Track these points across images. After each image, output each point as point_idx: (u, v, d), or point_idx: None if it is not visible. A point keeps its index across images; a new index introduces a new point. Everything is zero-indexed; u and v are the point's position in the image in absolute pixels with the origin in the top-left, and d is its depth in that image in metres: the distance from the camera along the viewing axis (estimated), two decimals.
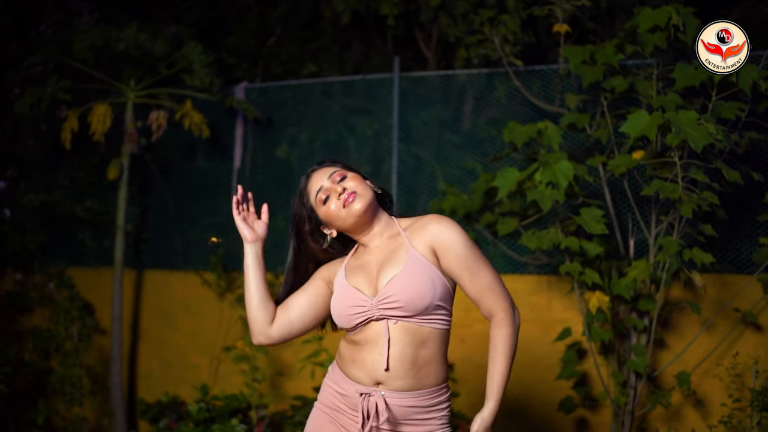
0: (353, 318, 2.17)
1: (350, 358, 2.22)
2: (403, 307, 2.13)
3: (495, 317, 2.18)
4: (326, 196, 2.22)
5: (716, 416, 4.26)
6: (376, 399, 2.14)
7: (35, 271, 5.57)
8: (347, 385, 2.21)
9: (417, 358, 2.15)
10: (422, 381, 2.17)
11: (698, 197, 3.59)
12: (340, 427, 2.25)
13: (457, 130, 5.07)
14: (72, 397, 5.04)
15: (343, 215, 2.19)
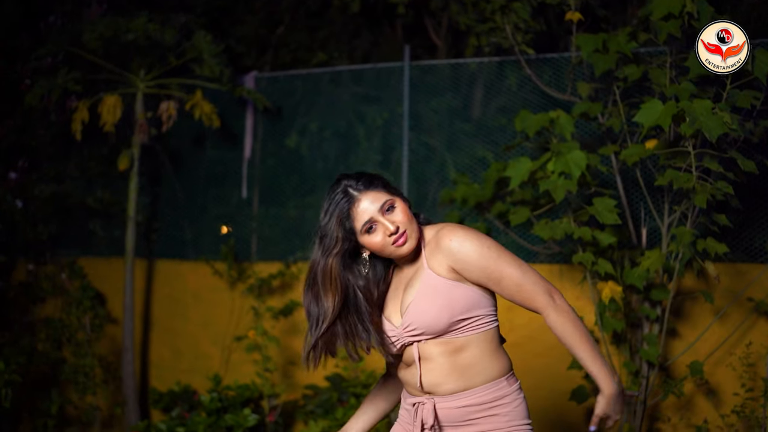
0: (392, 347, 2.17)
1: (401, 377, 2.28)
2: (424, 332, 2.11)
3: (541, 313, 2.14)
4: (372, 226, 2.10)
5: (729, 406, 4.25)
6: (428, 406, 2.16)
7: (47, 261, 5.59)
8: (406, 399, 2.28)
9: (456, 364, 2.12)
10: (472, 380, 2.13)
11: (712, 187, 3.56)
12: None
13: (467, 119, 5.05)
14: (85, 386, 5.07)
15: (389, 252, 2.11)
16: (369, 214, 2.08)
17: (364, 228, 2.08)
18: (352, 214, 2.08)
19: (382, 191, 2.11)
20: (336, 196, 2.10)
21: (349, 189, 2.09)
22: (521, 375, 4.83)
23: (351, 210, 2.08)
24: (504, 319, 4.78)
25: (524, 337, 4.77)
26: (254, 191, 5.48)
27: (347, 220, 2.08)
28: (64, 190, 5.50)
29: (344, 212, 2.08)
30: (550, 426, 4.67)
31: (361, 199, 2.08)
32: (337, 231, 2.08)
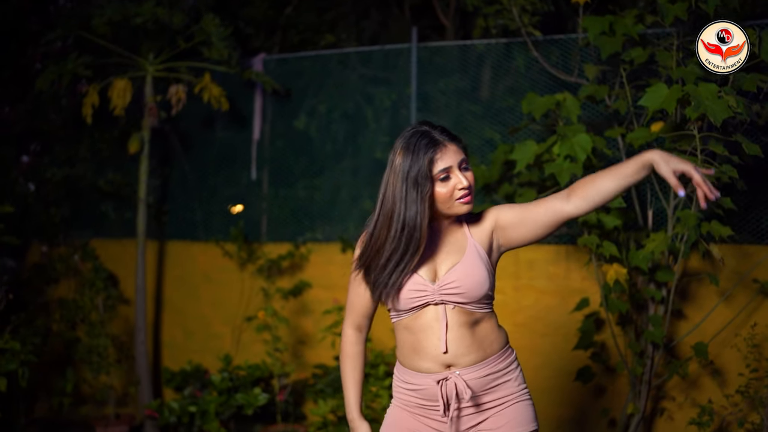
0: (412, 301, 2.18)
1: (411, 348, 2.23)
2: (464, 293, 2.17)
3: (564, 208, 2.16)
4: (447, 176, 2.15)
5: (733, 386, 4.29)
6: (455, 380, 2.17)
7: (60, 243, 5.66)
8: (419, 379, 2.22)
9: (474, 334, 2.20)
10: (487, 350, 2.22)
11: (717, 170, 3.58)
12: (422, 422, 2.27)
13: (475, 100, 5.06)
14: (99, 366, 5.15)
15: (449, 206, 2.17)
16: (449, 162, 2.14)
17: (440, 174, 2.13)
18: (435, 158, 2.12)
19: (462, 150, 2.19)
20: (421, 140, 2.14)
21: (434, 135, 2.16)
22: (528, 354, 4.91)
23: (435, 154, 2.12)
24: (511, 300, 4.86)
25: (531, 317, 4.82)
26: (264, 172, 5.52)
27: (431, 163, 2.12)
28: (75, 173, 5.57)
29: (430, 155, 2.12)
30: (556, 405, 4.72)
31: (446, 146, 2.15)
32: (428, 172, 2.12)
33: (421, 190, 2.12)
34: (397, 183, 2.15)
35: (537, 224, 2.22)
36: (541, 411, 4.70)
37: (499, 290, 4.81)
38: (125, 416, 5.16)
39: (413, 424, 2.26)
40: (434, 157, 2.12)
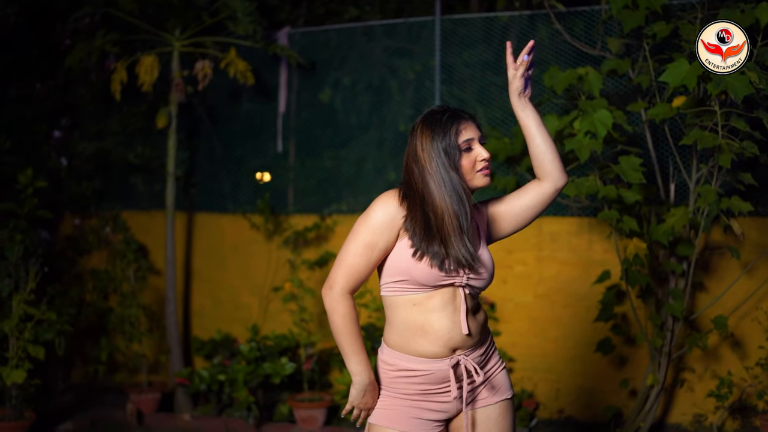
0: (442, 279, 2.19)
1: (418, 329, 2.21)
2: (485, 279, 2.25)
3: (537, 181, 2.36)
4: (469, 147, 2.22)
5: (753, 358, 4.32)
6: (465, 363, 2.22)
7: (91, 215, 5.80)
8: (426, 365, 2.22)
9: (476, 318, 2.27)
10: (482, 334, 2.29)
11: (738, 146, 3.58)
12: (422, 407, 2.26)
13: (499, 72, 5.06)
14: (131, 335, 5.30)
15: (471, 177, 2.23)
16: (471, 134, 2.22)
17: (464, 144, 2.20)
18: (460, 129, 2.21)
19: (478, 128, 2.28)
20: (445, 116, 2.22)
21: (455, 111, 2.25)
22: (550, 325, 4.99)
23: (459, 127, 2.21)
24: (533, 271, 4.92)
25: (552, 288, 4.87)
26: (290, 143, 5.58)
27: (453, 133, 2.19)
28: (105, 146, 5.68)
29: (456, 127, 2.20)
30: (577, 375, 4.79)
31: (468, 120, 2.24)
32: (455, 142, 2.19)
33: (453, 160, 2.19)
34: (426, 157, 2.20)
35: (525, 209, 2.35)
36: (562, 381, 4.80)
37: (522, 261, 4.91)
38: (157, 383, 5.33)
39: (415, 411, 2.25)
40: (459, 128, 2.20)
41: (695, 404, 4.54)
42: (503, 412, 2.32)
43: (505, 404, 2.33)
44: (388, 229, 2.19)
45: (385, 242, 2.20)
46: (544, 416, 4.85)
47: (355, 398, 2.24)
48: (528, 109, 2.31)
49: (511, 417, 2.35)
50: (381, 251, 2.21)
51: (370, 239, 2.19)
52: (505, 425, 2.32)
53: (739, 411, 4.41)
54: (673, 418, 4.60)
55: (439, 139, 2.18)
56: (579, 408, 4.79)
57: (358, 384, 2.23)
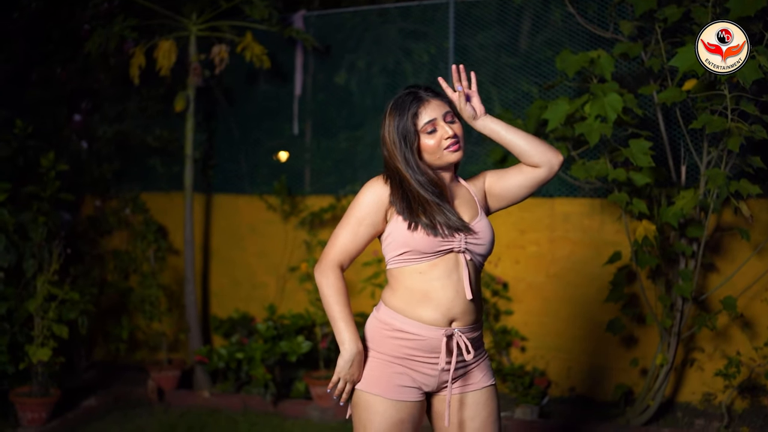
0: (440, 245, 2.26)
1: (422, 295, 2.27)
2: (484, 245, 2.33)
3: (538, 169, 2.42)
4: (433, 129, 2.30)
5: (763, 338, 4.37)
6: (457, 338, 2.28)
7: (112, 197, 5.90)
8: (422, 330, 2.27)
9: (477, 291, 2.35)
10: (479, 314, 2.36)
11: (747, 129, 3.61)
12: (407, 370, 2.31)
13: (513, 53, 5.09)
14: (151, 314, 5.42)
15: (438, 156, 2.31)
16: (433, 115, 2.30)
17: (426, 127, 2.29)
18: (419, 112, 2.29)
19: (447, 104, 2.35)
20: (406, 98, 2.32)
21: (418, 92, 2.33)
22: (562, 304, 5.05)
23: (419, 109, 2.29)
24: (546, 251, 4.98)
25: (565, 268, 4.93)
26: (306, 125, 5.65)
27: (412, 118, 2.28)
28: (125, 129, 5.77)
29: (413, 110, 2.29)
30: (588, 354, 4.86)
31: (430, 101, 2.31)
32: (413, 126, 2.29)
33: (410, 143, 2.29)
34: (390, 141, 2.31)
35: (521, 188, 2.42)
36: (573, 359, 4.88)
37: (535, 242, 4.98)
38: (177, 361, 5.45)
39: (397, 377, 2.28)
40: (418, 111, 2.28)
41: (705, 383, 4.60)
42: (491, 396, 2.40)
43: (492, 389, 2.41)
44: (375, 208, 2.30)
45: (372, 219, 2.30)
46: (555, 394, 4.93)
47: (342, 369, 2.26)
48: (488, 124, 2.39)
49: (497, 402, 2.43)
50: (369, 227, 2.30)
51: (359, 215, 2.30)
52: (493, 407, 2.40)
53: (748, 390, 4.47)
54: (683, 397, 4.67)
55: (400, 124, 2.29)
56: (590, 386, 4.87)
57: (347, 353, 2.26)
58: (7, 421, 4.49)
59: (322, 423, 4.73)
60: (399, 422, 2.28)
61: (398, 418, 2.28)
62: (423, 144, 2.30)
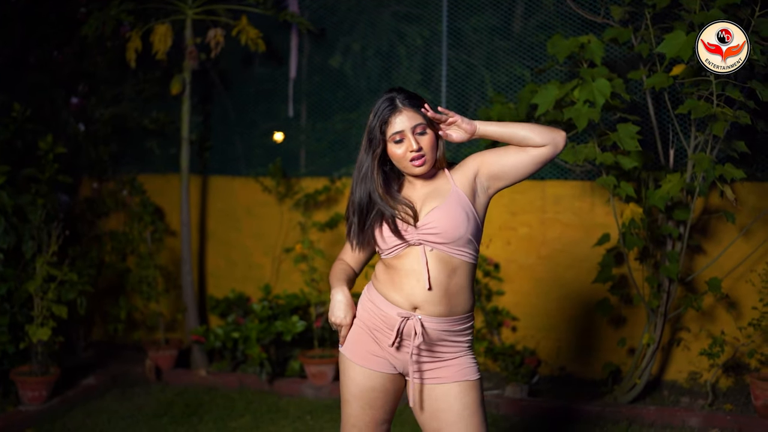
0: (393, 240, 2.42)
1: (389, 281, 2.46)
2: (440, 233, 2.39)
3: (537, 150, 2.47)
4: (401, 139, 2.41)
5: (747, 318, 4.47)
6: (414, 323, 2.41)
7: (109, 178, 5.96)
8: (387, 307, 2.45)
9: (449, 286, 2.42)
10: (453, 309, 2.45)
11: (732, 115, 3.68)
12: (376, 342, 2.50)
13: (506, 36, 5.14)
14: (149, 294, 5.50)
15: (404, 165, 2.44)
16: (402, 126, 2.40)
17: (393, 137, 2.41)
18: (390, 120, 2.40)
19: (421, 116, 2.43)
20: (383, 103, 2.43)
21: (395, 100, 2.42)
22: (552, 285, 5.15)
23: (390, 117, 2.40)
24: (537, 233, 5.07)
25: (556, 250, 5.02)
26: (301, 107, 5.71)
27: (385, 124, 2.41)
28: (121, 112, 5.82)
29: (384, 118, 2.40)
30: (577, 333, 4.96)
31: (402, 111, 2.41)
32: (379, 133, 2.41)
33: (374, 149, 2.43)
34: (364, 140, 2.47)
35: (525, 165, 2.45)
36: (562, 339, 4.98)
37: (526, 224, 5.06)
38: (174, 341, 5.54)
39: (371, 345, 2.48)
40: (388, 119, 2.40)
41: (691, 362, 4.71)
42: (467, 390, 2.45)
43: (469, 384, 2.46)
44: None
45: None
46: (545, 373, 5.04)
47: (331, 311, 2.51)
48: (483, 131, 2.47)
49: (477, 395, 2.47)
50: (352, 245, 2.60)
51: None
52: (468, 402, 2.44)
53: (733, 369, 4.58)
54: (669, 376, 4.78)
55: (371, 127, 2.43)
56: (579, 365, 4.97)
57: (334, 297, 2.51)
58: (8, 399, 4.59)
59: (317, 400, 4.84)
60: (370, 390, 2.49)
61: (369, 386, 2.49)
62: (390, 151, 2.44)
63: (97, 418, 4.50)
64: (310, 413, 4.60)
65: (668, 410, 4.30)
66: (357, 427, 2.51)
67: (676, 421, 4.25)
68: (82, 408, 4.67)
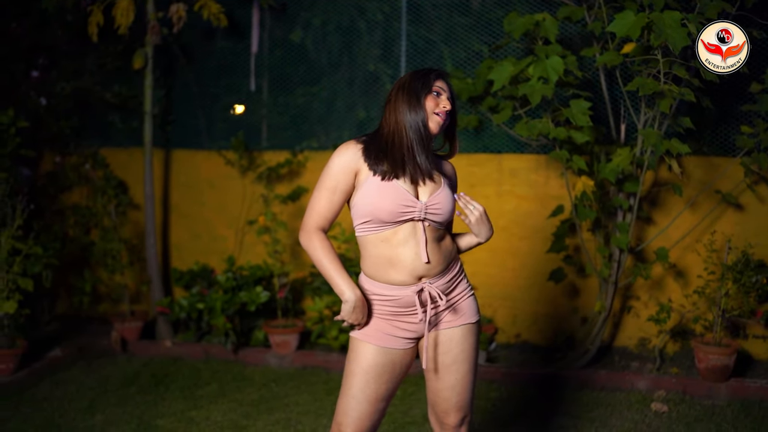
0: (401, 215, 2.48)
1: (387, 261, 2.52)
2: (442, 215, 2.53)
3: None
4: (438, 94, 2.54)
5: (693, 287, 4.69)
6: (429, 290, 2.53)
7: (71, 152, 5.96)
8: (395, 291, 2.53)
9: (441, 248, 2.57)
10: (447, 260, 2.59)
11: (678, 92, 3.84)
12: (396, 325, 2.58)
13: (465, 12, 5.24)
14: (113, 267, 5.55)
15: (431, 117, 2.54)
16: (442, 87, 2.56)
17: (434, 89, 2.54)
18: (434, 80, 2.55)
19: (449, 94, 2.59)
20: (427, 69, 2.59)
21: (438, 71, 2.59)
22: (507, 256, 5.30)
23: (437, 80, 2.55)
24: (494, 205, 5.22)
25: (511, 221, 5.18)
26: (263, 81, 5.76)
27: (428, 81, 2.53)
28: (83, 85, 5.81)
29: (430, 78, 2.54)
30: (533, 302, 5.15)
31: (442, 80, 2.57)
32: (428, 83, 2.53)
33: (420, 96, 2.51)
34: (401, 95, 2.53)
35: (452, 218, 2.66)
36: (519, 308, 5.16)
37: (483, 196, 5.21)
38: (139, 312, 5.62)
39: (389, 329, 2.57)
40: (437, 78, 2.55)
41: (640, 329, 4.92)
42: (466, 334, 2.61)
43: (469, 327, 2.61)
44: (345, 174, 2.50)
45: (344, 185, 2.51)
46: (502, 340, 5.22)
47: (346, 314, 2.52)
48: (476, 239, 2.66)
49: (474, 339, 2.64)
50: (342, 193, 2.52)
51: (330, 183, 2.51)
52: (466, 346, 2.61)
53: (679, 334, 4.81)
54: (620, 342, 4.99)
55: (417, 82, 2.52)
56: (534, 333, 5.16)
57: (348, 302, 2.50)
58: None
59: (281, 369, 4.97)
60: (380, 365, 2.56)
61: (380, 361, 2.55)
62: (425, 103, 2.53)
63: (65, 389, 4.58)
64: (274, 381, 4.73)
65: (618, 374, 4.52)
66: (356, 398, 2.54)
67: (625, 385, 4.47)
68: (49, 379, 4.74)
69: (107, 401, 4.40)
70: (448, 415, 2.65)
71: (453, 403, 2.62)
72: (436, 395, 2.64)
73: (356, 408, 2.53)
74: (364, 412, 2.54)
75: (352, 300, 2.50)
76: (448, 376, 2.61)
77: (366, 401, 2.54)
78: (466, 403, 2.65)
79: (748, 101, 4.44)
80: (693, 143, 4.47)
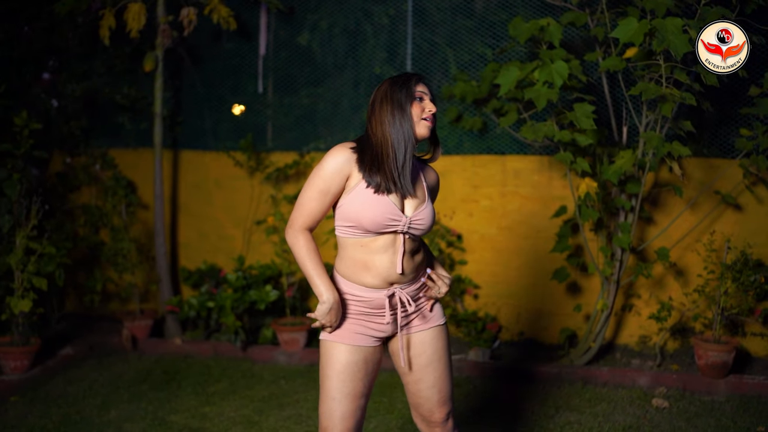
0: (385, 226, 2.55)
1: (362, 265, 2.59)
2: (424, 230, 2.64)
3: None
4: (421, 99, 2.61)
5: (692, 285, 4.80)
6: (399, 295, 2.63)
7: (81, 153, 6.05)
8: (367, 293, 2.61)
9: (414, 259, 2.67)
10: (417, 271, 2.70)
11: (679, 96, 3.95)
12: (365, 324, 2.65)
13: (469, 15, 5.34)
14: (123, 266, 5.64)
15: (417, 122, 2.59)
16: (423, 91, 2.62)
17: (417, 95, 2.61)
18: (415, 86, 2.60)
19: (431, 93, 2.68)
20: (405, 76, 2.63)
21: (415, 75, 2.64)
22: (511, 255, 5.40)
23: (417, 85, 2.61)
24: (498, 206, 5.31)
25: (515, 221, 5.28)
26: (269, 82, 5.86)
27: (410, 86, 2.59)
28: (93, 87, 5.89)
29: (411, 84, 2.60)
30: (536, 300, 5.25)
31: (422, 84, 2.62)
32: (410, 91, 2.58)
33: (405, 106, 2.57)
34: (385, 106, 2.57)
35: None
36: (522, 306, 5.26)
37: (488, 196, 5.31)
38: (148, 311, 5.71)
39: (359, 328, 2.63)
40: (417, 83, 2.61)
41: (641, 327, 5.03)
42: (436, 335, 2.71)
43: (438, 329, 2.71)
44: (338, 175, 2.52)
45: (336, 187, 2.54)
46: (506, 338, 5.32)
47: (321, 314, 2.56)
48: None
49: (445, 339, 2.74)
50: (333, 196, 2.56)
51: (323, 186, 2.53)
52: (438, 346, 2.71)
53: (679, 332, 4.92)
54: (621, 339, 5.10)
55: (399, 91, 2.57)
56: (537, 330, 5.27)
57: (325, 303, 2.55)
58: None
59: (289, 366, 5.07)
60: (352, 363, 2.62)
61: (351, 360, 2.62)
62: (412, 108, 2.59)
63: (79, 386, 4.67)
64: (283, 378, 4.83)
65: (620, 371, 4.62)
66: (336, 399, 2.60)
67: (626, 381, 4.57)
68: (62, 377, 4.84)
69: (120, 398, 4.49)
70: (434, 413, 2.74)
71: (436, 401, 2.72)
72: (418, 396, 2.73)
73: (338, 408, 2.59)
74: (347, 410, 2.60)
75: (329, 302, 2.54)
76: (426, 376, 2.70)
77: (346, 399, 2.60)
78: (448, 398, 2.75)
79: (747, 105, 4.54)
80: (693, 145, 4.58)
